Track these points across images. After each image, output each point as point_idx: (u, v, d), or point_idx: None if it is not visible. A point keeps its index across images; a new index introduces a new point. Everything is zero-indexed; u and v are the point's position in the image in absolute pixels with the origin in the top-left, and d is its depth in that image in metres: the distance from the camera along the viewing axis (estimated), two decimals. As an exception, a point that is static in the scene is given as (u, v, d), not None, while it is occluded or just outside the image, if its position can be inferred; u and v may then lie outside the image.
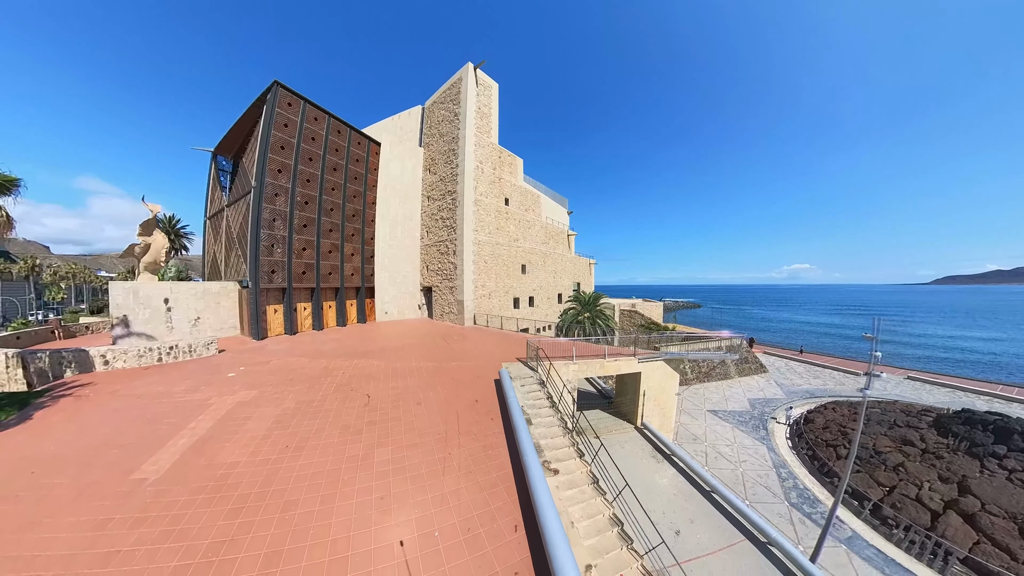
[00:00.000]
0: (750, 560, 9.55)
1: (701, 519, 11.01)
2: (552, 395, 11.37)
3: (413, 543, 6.09)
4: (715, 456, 19.35)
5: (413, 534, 6.29)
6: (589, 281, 49.55)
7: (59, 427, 10.35)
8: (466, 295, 28.81)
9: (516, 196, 35.10)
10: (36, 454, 8.82)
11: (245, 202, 25.46)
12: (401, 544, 5.83)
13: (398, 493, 7.11)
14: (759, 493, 16.05)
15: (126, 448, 8.93)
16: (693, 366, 32.92)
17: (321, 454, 8.10)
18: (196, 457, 8.13)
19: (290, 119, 25.80)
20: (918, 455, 19.00)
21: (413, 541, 6.13)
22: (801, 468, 18.86)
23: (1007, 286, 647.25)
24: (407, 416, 10.22)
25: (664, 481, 12.77)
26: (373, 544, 6.07)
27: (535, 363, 13.46)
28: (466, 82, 30.91)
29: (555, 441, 9.42)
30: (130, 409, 11.40)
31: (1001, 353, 56.23)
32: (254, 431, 9.25)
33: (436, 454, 8.36)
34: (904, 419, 23.08)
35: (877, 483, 17.03)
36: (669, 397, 16.80)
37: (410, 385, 12.75)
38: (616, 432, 16.31)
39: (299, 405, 10.85)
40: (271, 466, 7.71)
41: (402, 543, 5.85)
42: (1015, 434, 19.03)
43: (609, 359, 14.60)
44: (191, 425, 9.80)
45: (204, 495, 6.90)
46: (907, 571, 11.60)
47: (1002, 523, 13.12)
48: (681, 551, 9.48)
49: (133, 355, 17.09)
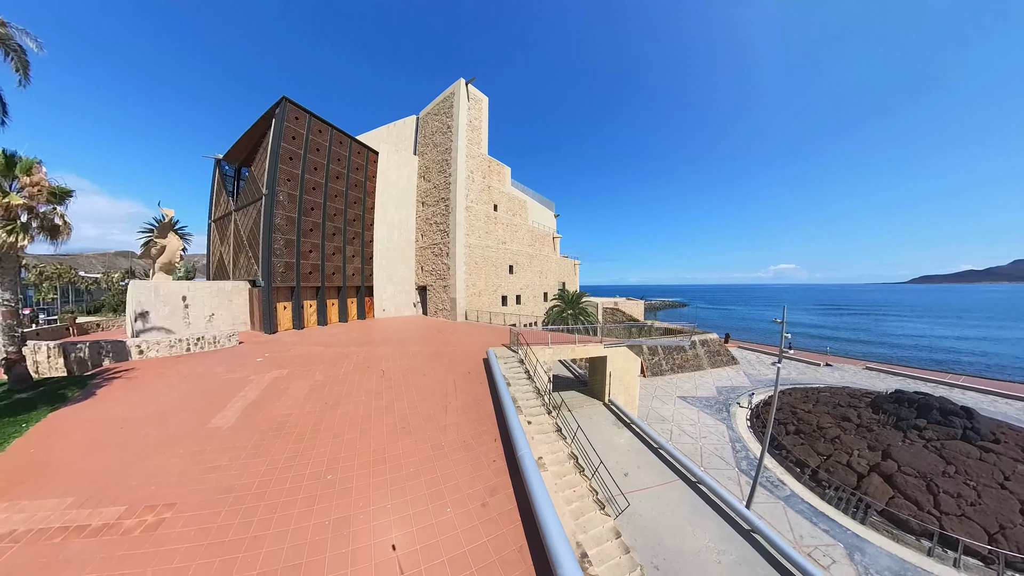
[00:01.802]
0: (680, 492, 12.44)
1: (647, 466, 13.93)
2: (529, 371, 14.21)
3: (426, 454, 8.91)
4: (679, 433, 22.35)
5: (427, 450, 9.13)
6: (574, 280, 52.65)
7: (125, 399, 12.80)
8: (458, 293, 31.55)
9: (504, 202, 37.97)
10: (116, 416, 11.27)
11: (256, 208, 27.78)
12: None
13: (414, 426, 9.97)
14: (714, 462, 19.02)
15: (192, 410, 11.47)
16: (668, 359, 36.11)
17: (354, 406, 10.84)
18: (255, 413, 10.75)
19: (297, 132, 28.20)
20: (853, 429, 21.99)
21: (426, 453, 8.99)
22: (755, 443, 21.85)
23: (979, 284, 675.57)
24: (415, 383, 13.03)
25: (621, 441, 15.70)
26: (400, 453, 8.89)
27: (516, 347, 16.29)
28: (458, 96, 33.63)
29: (529, 401, 12.25)
30: (182, 385, 13.89)
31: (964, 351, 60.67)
32: (295, 395, 11.91)
33: (440, 404, 11.20)
34: (848, 400, 26.29)
35: (817, 453, 19.95)
36: (632, 378, 19.77)
37: (414, 363, 15.53)
38: (587, 407, 19.24)
39: (326, 378, 13.54)
40: (317, 415, 10.41)
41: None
42: (934, 409, 22.25)
43: (579, 345, 17.51)
44: (241, 394, 12.37)
45: (271, 433, 9.56)
46: (832, 520, 14.23)
47: (913, 481, 15.74)
48: (627, 485, 12.37)
49: (165, 345, 19.42)
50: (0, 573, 5.64)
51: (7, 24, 14.00)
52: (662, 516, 11.02)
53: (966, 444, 18.15)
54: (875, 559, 12.18)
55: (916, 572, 11.64)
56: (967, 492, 14.87)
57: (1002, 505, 14.07)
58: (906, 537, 13.50)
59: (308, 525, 6.63)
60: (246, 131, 29.62)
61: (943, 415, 21.18)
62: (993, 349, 61.34)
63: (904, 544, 13.21)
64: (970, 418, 20.25)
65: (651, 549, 9.77)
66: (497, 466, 8.62)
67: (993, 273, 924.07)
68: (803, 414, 24.67)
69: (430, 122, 37.53)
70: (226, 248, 33.58)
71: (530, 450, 8.09)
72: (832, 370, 37.76)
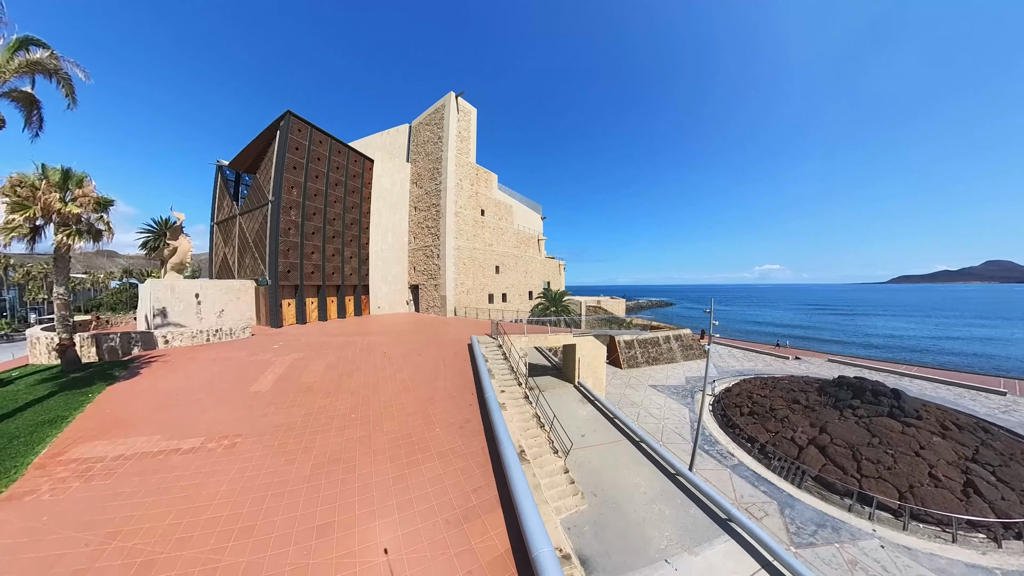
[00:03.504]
0: (624, 448, 15.40)
1: (602, 431, 16.92)
2: (505, 353, 17.13)
3: (422, 402, 11.83)
4: (645, 415, 25.38)
5: (422, 400, 12.10)
6: (560, 280, 55.81)
7: (167, 376, 15.38)
8: (448, 292, 34.38)
9: (491, 207, 40.94)
10: (167, 388, 13.89)
11: (262, 213, 30.24)
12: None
13: (413, 386, 13.06)
14: (673, 438, 21.97)
15: (232, 382, 14.16)
16: (644, 352, 39.29)
17: (364, 376, 13.75)
18: (285, 381, 13.54)
19: (300, 143, 30.76)
20: (800, 410, 25.16)
21: (421, 401, 11.94)
22: (713, 423, 24.94)
23: (953, 284, 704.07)
24: (413, 361, 16.00)
25: (584, 413, 18.71)
26: (403, 402, 11.90)
27: (496, 335, 19.20)
28: (448, 108, 36.49)
29: (504, 375, 15.22)
30: (214, 365, 16.50)
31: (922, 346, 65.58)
32: (315, 370, 14.72)
33: (432, 374, 14.33)
34: (801, 387, 29.68)
35: (766, 430, 22.87)
36: (599, 363, 22.80)
37: (411, 348, 18.46)
38: (559, 388, 22.22)
39: (338, 359, 16.38)
40: (336, 382, 13.29)
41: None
42: (867, 391, 25.53)
43: (551, 334, 20.48)
44: (269, 370, 15.09)
45: (302, 393, 12.44)
46: (771, 484, 16.74)
47: (842, 450, 17.84)
48: (582, 443, 15.37)
49: (187, 336, 21.89)
50: (128, 475, 8.29)
51: (59, 57, 16.48)
52: (606, 464, 14.00)
53: (891, 420, 20.39)
54: (801, 512, 14.44)
55: (834, 522, 14.20)
56: (886, 459, 16.93)
57: (914, 469, 16.24)
58: (832, 497, 15.75)
59: (342, 439, 9.71)
60: (252, 140, 32.05)
61: (874, 396, 24.28)
62: (949, 346, 66.39)
63: (830, 503, 15.60)
64: (897, 398, 23.29)
65: (594, 484, 12.70)
66: (472, 408, 11.76)
67: (966, 273, 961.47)
68: (759, 398, 27.85)
69: (422, 131, 40.30)
70: (230, 249, 35.87)
71: (495, 394, 11.03)
72: (799, 363, 40.68)
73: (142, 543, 6.23)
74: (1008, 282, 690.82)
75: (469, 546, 6.56)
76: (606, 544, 9.77)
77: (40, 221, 15.10)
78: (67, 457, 9.02)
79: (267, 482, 7.93)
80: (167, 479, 8.02)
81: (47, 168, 15.90)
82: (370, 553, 6.25)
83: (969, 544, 13.03)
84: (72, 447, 9.46)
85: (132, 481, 7.93)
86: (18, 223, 14.36)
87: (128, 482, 7.89)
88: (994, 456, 17.22)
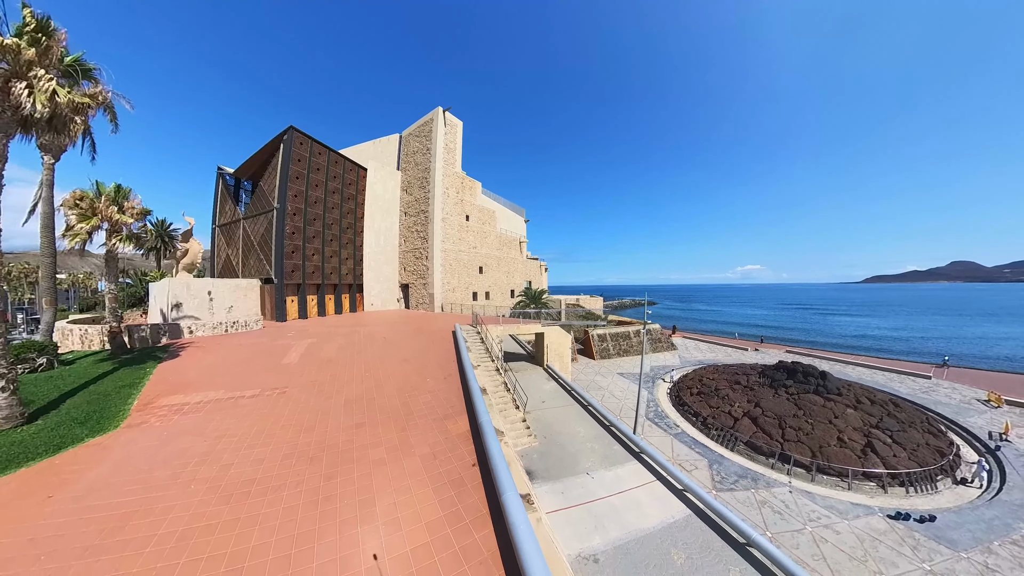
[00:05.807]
0: (575, 409, 19.39)
1: (559, 399, 20.92)
2: (483, 339, 21.06)
3: (416, 368, 15.68)
4: (609, 397, 29.52)
5: (417, 367, 15.95)
6: (541, 280, 59.97)
7: (206, 357, 18.81)
8: (435, 290, 38.13)
9: (475, 213, 44.83)
10: (210, 364, 17.35)
11: (266, 218, 33.51)
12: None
13: (410, 359, 16.91)
14: (628, 413, 26.05)
15: (265, 357, 17.73)
16: (615, 344, 43.53)
17: (371, 353, 17.54)
18: (308, 357, 17.23)
19: (301, 155, 34.14)
20: (741, 389, 29.68)
21: (416, 368, 15.79)
22: (667, 402, 29.13)
23: (922, 283, 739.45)
24: (409, 345, 19.87)
25: (548, 387, 22.73)
26: (404, 370, 15.74)
27: (476, 325, 23.12)
28: (436, 122, 40.22)
29: (481, 356, 19.12)
30: (241, 349, 19.99)
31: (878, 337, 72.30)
32: (329, 350, 18.45)
33: (424, 351, 18.27)
34: (747, 372, 34.24)
35: (709, 406, 27.23)
36: (565, 349, 26.85)
37: (405, 336, 22.28)
38: (530, 370, 26.19)
39: (347, 342, 20.13)
40: (349, 357, 17.05)
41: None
42: (799, 373, 30.02)
43: (523, 324, 24.46)
44: (292, 351, 18.71)
45: (325, 364, 16.22)
46: (706, 447, 20.34)
47: (771, 420, 21.21)
48: (541, 407, 19.39)
49: (209, 327, 25.18)
50: (213, 411, 11.84)
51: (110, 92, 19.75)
52: (558, 419, 18.02)
53: (816, 396, 23.55)
54: (728, 467, 17.59)
55: (754, 474, 17.78)
56: (805, 427, 19.98)
57: (826, 434, 19.29)
58: (759, 457, 19.03)
59: (362, 387, 13.59)
60: (256, 151, 35.21)
61: (804, 376, 28.53)
62: (897, 337, 73.02)
63: (756, 462, 19.22)
64: (823, 378, 27.22)
65: (545, 431, 16.67)
66: (454, 369, 15.76)
67: (934, 273, 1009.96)
68: (708, 381, 32.22)
69: (411, 142, 43.93)
70: (233, 250, 38.90)
71: (471, 363, 14.96)
72: (758, 354, 44.60)
73: (240, 441, 9.89)
74: (971, 281, 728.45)
75: (447, 434, 10.38)
76: (548, 465, 13.77)
77: (100, 230, 18.43)
78: (157, 404, 12.49)
79: (317, 408, 11.72)
80: (244, 411, 11.69)
81: (100, 184, 19.20)
82: (387, 434, 10.15)
83: (861, 491, 16.05)
84: (157, 399, 12.94)
85: (218, 414, 11.54)
86: (83, 231, 17.68)
87: (216, 415, 11.51)
88: (895, 424, 20.35)
